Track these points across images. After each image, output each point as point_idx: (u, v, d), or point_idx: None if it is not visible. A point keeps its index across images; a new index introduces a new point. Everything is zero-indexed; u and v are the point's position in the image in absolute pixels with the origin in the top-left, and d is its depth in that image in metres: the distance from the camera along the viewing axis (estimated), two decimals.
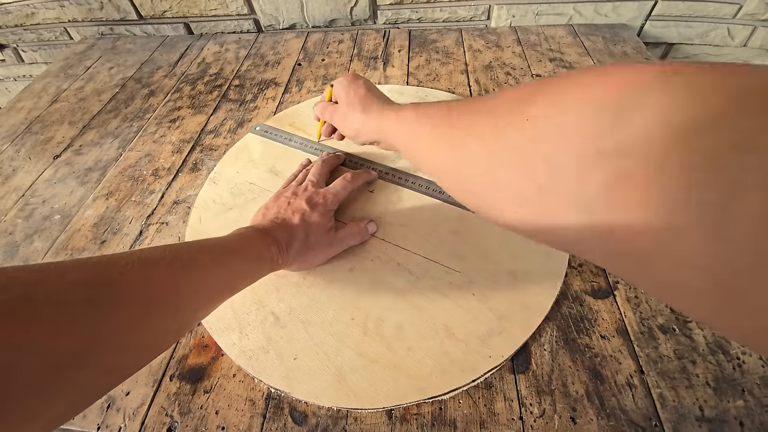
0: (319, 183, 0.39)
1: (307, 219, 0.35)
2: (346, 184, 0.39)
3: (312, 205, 0.36)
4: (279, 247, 0.31)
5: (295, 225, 0.34)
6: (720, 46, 0.65)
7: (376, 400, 0.29)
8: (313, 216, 0.35)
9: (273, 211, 0.36)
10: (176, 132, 0.54)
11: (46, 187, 0.49)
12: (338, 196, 0.38)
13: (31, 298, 0.16)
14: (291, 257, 0.32)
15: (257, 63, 0.65)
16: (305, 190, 0.38)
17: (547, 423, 0.28)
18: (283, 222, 0.34)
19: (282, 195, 0.38)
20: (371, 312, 0.33)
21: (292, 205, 0.36)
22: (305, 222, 0.34)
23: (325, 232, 0.35)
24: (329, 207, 0.37)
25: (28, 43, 0.82)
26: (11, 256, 0.42)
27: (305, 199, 0.36)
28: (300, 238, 0.33)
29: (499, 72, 0.58)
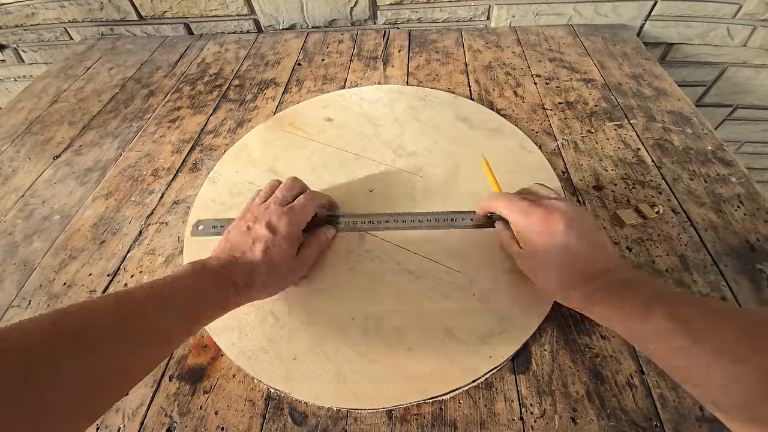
0: (284, 200, 0.35)
1: (269, 250, 0.31)
2: (311, 199, 0.36)
3: (273, 230, 0.32)
4: (236, 287, 0.29)
5: (254, 261, 0.31)
6: (720, 46, 0.65)
7: (376, 401, 0.29)
8: (275, 244, 0.32)
9: (232, 241, 0.32)
10: (176, 132, 0.54)
11: (45, 187, 0.49)
12: (304, 213, 0.35)
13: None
14: (252, 294, 0.30)
15: (257, 63, 0.65)
16: (267, 211, 0.34)
17: (547, 423, 0.28)
18: (243, 257, 0.31)
19: (243, 218, 0.34)
20: (371, 312, 0.33)
21: (253, 233, 0.32)
22: (266, 254, 0.31)
23: (288, 260, 0.32)
24: (293, 229, 0.33)
25: (29, 44, 0.82)
26: (11, 256, 0.42)
27: (265, 224, 0.32)
28: (261, 273, 0.30)
29: (499, 72, 0.58)
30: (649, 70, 0.55)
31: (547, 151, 0.45)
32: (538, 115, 0.50)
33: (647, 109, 0.50)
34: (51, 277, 0.39)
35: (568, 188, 0.41)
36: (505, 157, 0.45)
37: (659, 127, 0.47)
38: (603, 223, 0.38)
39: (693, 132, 0.46)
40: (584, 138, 0.47)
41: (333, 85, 0.59)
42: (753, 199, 0.39)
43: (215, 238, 0.38)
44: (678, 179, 0.41)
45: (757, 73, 0.68)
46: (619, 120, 0.48)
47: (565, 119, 0.49)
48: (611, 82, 0.54)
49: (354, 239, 0.38)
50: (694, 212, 0.38)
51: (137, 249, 0.41)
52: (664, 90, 0.52)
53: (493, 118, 0.50)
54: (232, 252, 0.31)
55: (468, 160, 0.44)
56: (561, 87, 0.54)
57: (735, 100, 0.74)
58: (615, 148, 0.45)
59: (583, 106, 0.51)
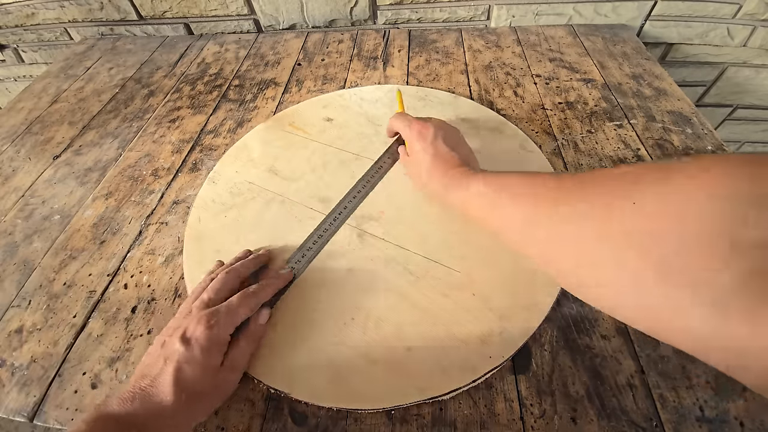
0: (209, 303, 0.30)
1: (182, 369, 0.26)
2: (246, 299, 0.30)
3: (187, 342, 0.27)
4: (139, 430, 0.24)
5: (161, 392, 0.25)
6: (720, 46, 0.65)
7: (376, 401, 0.29)
8: (189, 360, 0.26)
9: (145, 362, 0.28)
10: (176, 132, 0.54)
11: (45, 187, 0.49)
12: (232, 315, 0.29)
13: None
14: (163, 430, 0.25)
15: (257, 63, 0.65)
16: (185, 318, 0.29)
17: (547, 423, 0.28)
18: (151, 385, 0.26)
19: (163, 332, 0.29)
20: (371, 312, 0.33)
21: (165, 349, 0.27)
22: (178, 376, 0.26)
23: (210, 375, 0.27)
24: (214, 334, 0.27)
25: (29, 44, 0.82)
26: (11, 256, 0.42)
27: (179, 337, 0.27)
28: (169, 405, 0.25)
29: (499, 72, 0.58)
30: (649, 70, 0.55)
31: (547, 151, 0.45)
32: (538, 115, 0.50)
33: (647, 109, 0.50)
34: (51, 277, 0.39)
35: None
36: (505, 157, 0.45)
37: (659, 127, 0.47)
38: None
39: (693, 132, 0.46)
40: (584, 138, 0.47)
41: (333, 85, 0.59)
42: None
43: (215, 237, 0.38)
44: None
45: (757, 73, 0.68)
46: (619, 120, 0.48)
47: (565, 119, 0.49)
48: (611, 82, 0.54)
49: (354, 239, 0.38)
50: None
51: (137, 249, 0.41)
52: (664, 90, 0.52)
53: (493, 118, 0.50)
54: (142, 380, 0.26)
55: None
56: (561, 87, 0.54)
57: (735, 100, 0.74)
58: (615, 148, 0.45)
59: (583, 106, 0.51)
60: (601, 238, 0.19)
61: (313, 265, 0.37)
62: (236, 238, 0.40)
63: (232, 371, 0.29)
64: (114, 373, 0.32)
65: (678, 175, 0.16)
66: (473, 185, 0.30)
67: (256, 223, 0.41)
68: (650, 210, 0.16)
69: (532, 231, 0.24)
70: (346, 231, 0.39)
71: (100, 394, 0.31)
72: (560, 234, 0.22)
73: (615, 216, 0.18)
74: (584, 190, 0.21)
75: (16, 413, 0.31)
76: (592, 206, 0.20)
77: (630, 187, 0.18)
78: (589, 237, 0.19)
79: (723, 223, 0.14)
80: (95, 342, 0.34)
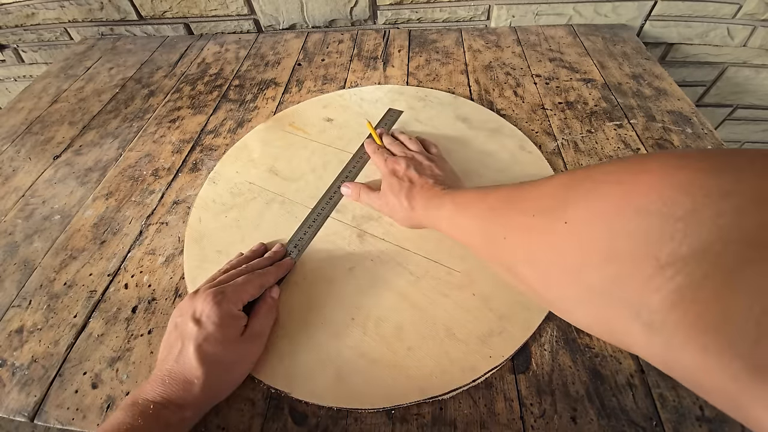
0: (217, 284, 0.31)
1: (201, 347, 0.27)
2: (250, 278, 0.32)
3: (198, 322, 0.28)
4: (180, 408, 0.26)
5: (188, 368, 0.26)
6: (720, 46, 0.65)
7: (376, 400, 0.29)
8: (206, 338, 0.27)
9: (165, 346, 0.29)
10: (176, 132, 0.54)
11: (46, 187, 0.49)
12: (239, 293, 0.30)
13: None
14: (201, 405, 0.27)
15: (257, 63, 0.65)
16: (192, 300, 0.29)
17: (547, 423, 0.28)
18: (176, 366, 0.27)
19: (173, 316, 0.30)
20: (371, 312, 0.33)
21: (179, 330, 0.28)
22: (200, 353, 0.26)
23: (231, 348, 0.28)
24: (224, 311, 0.28)
25: (29, 44, 0.82)
26: (11, 256, 0.42)
27: (191, 317, 0.28)
28: (198, 381, 0.26)
29: (499, 72, 0.58)
30: (649, 70, 0.55)
31: (547, 151, 0.45)
32: (538, 115, 0.50)
33: (647, 109, 0.50)
34: (51, 277, 0.39)
35: None
36: (504, 157, 0.45)
37: (659, 127, 0.47)
38: None
39: (693, 132, 0.46)
40: (584, 138, 0.47)
41: (333, 85, 0.59)
42: None
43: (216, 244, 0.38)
44: None
45: (757, 73, 0.68)
46: (619, 120, 0.48)
47: (565, 119, 0.49)
48: (611, 82, 0.54)
49: (354, 239, 0.38)
50: None
51: (137, 249, 0.41)
52: (664, 90, 0.52)
53: (493, 118, 0.50)
54: (165, 363, 0.27)
55: (468, 159, 0.44)
56: (561, 87, 0.54)
57: (735, 100, 0.74)
58: (615, 148, 0.45)
59: (583, 106, 0.51)
60: (543, 256, 0.19)
61: (314, 264, 0.37)
62: (237, 238, 0.40)
63: (253, 340, 0.30)
64: (115, 372, 0.32)
65: (606, 185, 0.16)
66: (444, 206, 0.31)
67: (257, 223, 0.41)
68: (580, 228, 0.16)
69: (491, 246, 0.25)
70: (347, 231, 0.39)
71: (101, 394, 0.31)
72: (512, 246, 0.22)
73: (548, 237, 0.18)
74: (527, 204, 0.21)
75: (17, 413, 0.31)
76: (530, 223, 0.20)
77: (561, 205, 0.18)
78: (535, 250, 0.20)
79: (649, 241, 0.13)
80: (96, 342, 0.34)
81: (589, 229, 0.16)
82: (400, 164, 0.38)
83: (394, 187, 0.37)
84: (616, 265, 0.14)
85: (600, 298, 0.15)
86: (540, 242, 0.19)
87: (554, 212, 0.18)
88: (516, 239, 0.22)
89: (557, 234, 0.18)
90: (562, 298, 0.18)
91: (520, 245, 0.21)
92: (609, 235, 0.15)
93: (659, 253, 0.13)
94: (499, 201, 0.25)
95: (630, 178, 0.15)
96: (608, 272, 0.15)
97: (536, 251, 0.20)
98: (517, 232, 0.22)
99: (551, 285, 0.19)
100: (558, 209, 0.18)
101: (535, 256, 0.20)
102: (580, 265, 0.16)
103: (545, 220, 0.19)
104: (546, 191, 0.20)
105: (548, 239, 0.19)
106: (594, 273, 0.15)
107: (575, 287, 0.17)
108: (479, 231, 0.26)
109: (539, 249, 0.19)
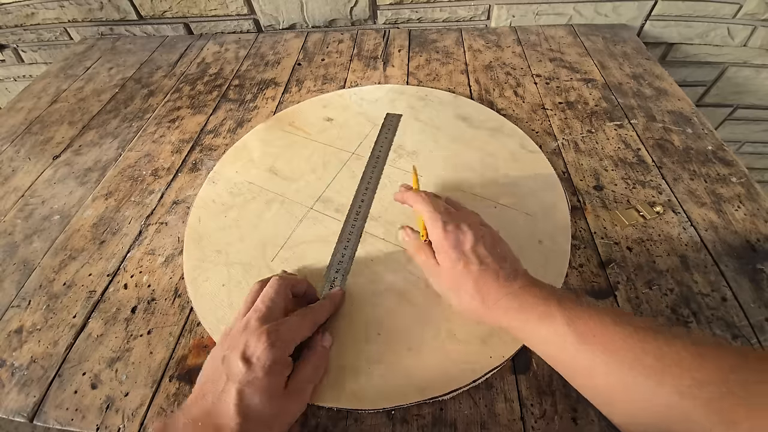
0: (268, 314, 0.28)
1: (244, 393, 0.24)
2: (305, 317, 0.29)
3: (248, 362, 0.25)
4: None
5: (222, 414, 0.24)
6: (720, 46, 0.65)
7: (376, 401, 0.29)
8: (252, 383, 0.24)
9: (206, 376, 0.26)
10: (176, 132, 0.54)
11: (45, 187, 0.49)
12: (294, 332, 0.27)
13: None
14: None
15: (257, 63, 0.65)
16: (245, 332, 0.26)
17: (548, 424, 0.28)
18: (215, 405, 0.24)
19: (223, 342, 0.28)
20: (371, 312, 0.33)
21: (226, 366, 0.25)
22: (241, 400, 0.24)
23: (274, 400, 0.25)
24: (277, 356, 0.25)
25: (28, 44, 0.82)
26: (10, 256, 0.42)
27: (240, 354, 0.25)
28: (231, 428, 0.23)
29: (499, 72, 0.57)
30: (650, 70, 0.55)
31: (548, 150, 0.45)
32: (538, 115, 0.50)
33: (647, 109, 0.50)
34: (51, 277, 0.39)
35: (568, 188, 0.41)
36: (505, 156, 0.44)
37: (659, 127, 0.47)
38: (603, 223, 0.38)
39: (693, 132, 0.46)
40: (584, 138, 0.47)
41: (333, 84, 0.59)
42: (753, 199, 0.39)
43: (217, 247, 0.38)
44: (678, 179, 0.41)
45: (758, 73, 0.68)
46: (620, 120, 0.48)
47: (565, 119, 0.49)
48: (611, 81, 0.54)
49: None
50: (695, 212, 0.38)
51: (137, 249, 0.41)
52: (664, 90, 0.52)
53: (493, 117, 0.50)
54: (204, 399, 0.25)
55: (468, 159, 0.44)
56: (561, 87, 0.54)
57: (735, 100, 0.74)
58: (615, 148, 0.45)
59: (583, 106, 0.51)
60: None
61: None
62: (236, 238, 0.40)
63: (295, 399, 0.26)
64: (114, 373, 0.32)
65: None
66: (552, 322, 0.25)
67: (256, 223, 0.41)
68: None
69: (624, 393, 0.22)
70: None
71: (100, 394, 0.31)
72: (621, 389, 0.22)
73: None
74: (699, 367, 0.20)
75: (16, 413, 0.31)
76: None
77: (742, 405, 0.18)
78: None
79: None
80: (95, 342, 0.34)
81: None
82: (467, 234, 0.30)
83: (458, 269, 0.29)
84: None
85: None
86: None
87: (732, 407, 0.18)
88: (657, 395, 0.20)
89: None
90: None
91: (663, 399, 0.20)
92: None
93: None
94: (651, 355, 0.21)
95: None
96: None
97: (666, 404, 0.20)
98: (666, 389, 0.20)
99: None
100: (738, 409, 0.18)
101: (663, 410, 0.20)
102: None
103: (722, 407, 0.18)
104: (710, 364, 0.20)
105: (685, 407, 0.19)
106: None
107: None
108: (620, 383, 0.22)
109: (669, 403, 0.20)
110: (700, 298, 0.33)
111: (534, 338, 0.26)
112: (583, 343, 0.23)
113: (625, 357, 0.22)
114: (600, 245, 0.36)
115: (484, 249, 0.29)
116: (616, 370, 0.22)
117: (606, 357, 0.22)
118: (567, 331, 0.24)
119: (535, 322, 0.26)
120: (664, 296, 0.33)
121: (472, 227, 0.30)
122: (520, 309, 0.27)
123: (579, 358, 0.23)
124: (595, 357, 0.23)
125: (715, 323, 0.31)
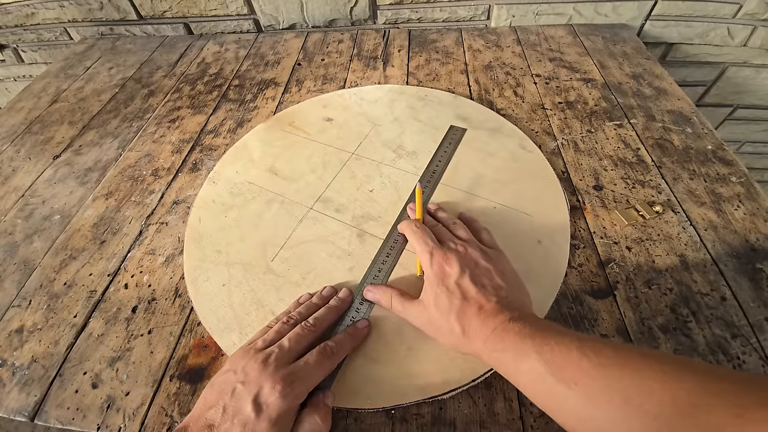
0: (290, 355, 0.27)
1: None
2: (323, 360, 0.28)
3: (258, 409, 0.24)
4: None
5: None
6: (720, 46, 0.65)
7: (376, 400, 0.29)
8: (255, 429, 0.24)
9: (209, 402, 0.26)
10: (176, 132, 0.54)
11: (45, 187, 0.49)
12: (307, 381, 0.27)
13: None
14: None
15: (257, 63, 0.65)
16: (263, 372, 0.26)
17: (547, 423, 0.28)
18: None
19: (234, 367, 0.27)
20: (371, 312, 0.33)
21: (234, 401, 0.25)
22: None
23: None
24: (287, 406, 0.25)
25: (28, 44, 0.82)
26: (11, 256, 0.42)
27: (252, 398, 0.25)
28: None
29: (499, 72, 0.57)
30: (650, 70, 0.55)
31: (547, 150, 0.45)
32: (537, 114, 0.50)
33: (647, 108, 0.50)
34: (51, 277, 0.39)
35: (567, 188, 0.41)
36: (504, 156, 0.45)
37: (659, 127, 0.47)
38: (603, 223, 0.38)
39: (693, 132, 0.46)
40: (584, 138, 0.47)
41: (333, 85, 0.59)
42: (753, 198, 0.39)
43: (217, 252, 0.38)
44: (678, 179, 0.41)
45: (758, 73, 0.68)
46: (619, 120, 0.48)
47: (564, 119, 0.49)
48: (611, 81, 0.54)
49: (354, 239, 0.38)
50: (694, 212, 0.38)
51: (137, 249, 0.41)
52: (664, 90, 0.52)
53: (493, 117, 0.50)
54: (207, 421, 0.25)
55: (468, 159, 0.44)
56: (561, 87, 0.54)
57: (735, 100, 0.74)
58: (615, 147, 0.45)
59: (583, 105, 0.51)
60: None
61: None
62: (236, 238, 0.40)
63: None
64: (115, 372, 0.32)
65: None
66: (525, 358, 0.24)
67: (257, 223, 0.41)
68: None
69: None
70: (346, 231, 0.39)
71: (101, 394, 0.31)
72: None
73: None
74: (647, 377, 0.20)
75: (17, 413, 0.31)
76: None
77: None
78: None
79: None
80: (96, 342, 0.34)
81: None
82: (452, 266, 0.29)
83: (441, 303, 0.28)
84: None
85: None
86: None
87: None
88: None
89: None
90: None
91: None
92: None
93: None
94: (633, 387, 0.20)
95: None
96: None
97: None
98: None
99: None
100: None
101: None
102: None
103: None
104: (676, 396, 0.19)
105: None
106: None
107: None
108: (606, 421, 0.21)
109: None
110: (699, 297, 0.33)
111: (512, 375, 0.25)
112: (559, 382, 0.22)
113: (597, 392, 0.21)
114: (599, 245, 0.37)
115: (469, 281, 0.28)
116: (588, 405, 0.21)
117: (580, 393, 0.22)
118: (537, 365, 0.23)
119: (510, 360, 0.25)
120: (663, 296, 0.33)
121: (459, 259, 0.30)
122: (496, 345, 0.25)
123: (555, 394, 0.23)
124: (569, 393, 0.22)
125: (714, 323, 0.31)
